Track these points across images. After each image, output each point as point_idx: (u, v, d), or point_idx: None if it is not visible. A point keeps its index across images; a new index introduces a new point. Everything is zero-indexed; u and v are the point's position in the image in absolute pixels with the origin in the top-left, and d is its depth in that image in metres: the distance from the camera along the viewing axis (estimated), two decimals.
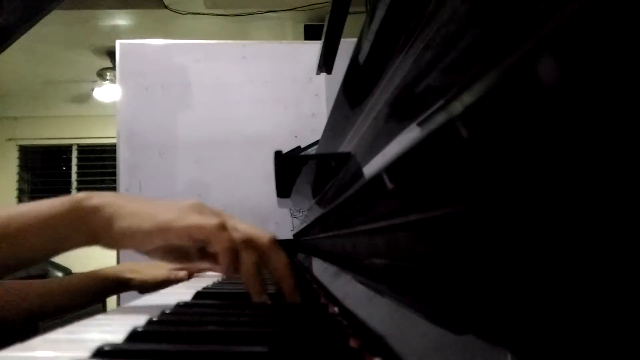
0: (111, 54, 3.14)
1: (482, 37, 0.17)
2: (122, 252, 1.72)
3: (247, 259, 0.47)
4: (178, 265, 0.88)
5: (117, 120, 1.83)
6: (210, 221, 0.45)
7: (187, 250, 0.49)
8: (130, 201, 0.47)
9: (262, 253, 0.48)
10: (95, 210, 0.46)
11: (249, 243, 0.47)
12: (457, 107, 0.17)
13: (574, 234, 0.12)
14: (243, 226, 0.49)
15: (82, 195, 0.47)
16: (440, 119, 0.19)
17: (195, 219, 0.45)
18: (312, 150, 1.54)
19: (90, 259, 1.82)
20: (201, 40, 1.93)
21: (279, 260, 0.49)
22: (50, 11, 1.16)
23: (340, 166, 0.50)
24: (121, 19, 2.87)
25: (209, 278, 0.86)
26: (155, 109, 1.84)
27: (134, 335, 0.30)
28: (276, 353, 0.26)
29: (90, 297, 0.83)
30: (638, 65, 0.09)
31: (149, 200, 0.49)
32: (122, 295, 1.69)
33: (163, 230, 0.45)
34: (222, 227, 0.45)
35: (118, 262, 1.71)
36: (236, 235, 0.46)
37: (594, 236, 0.11)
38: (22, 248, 0.46)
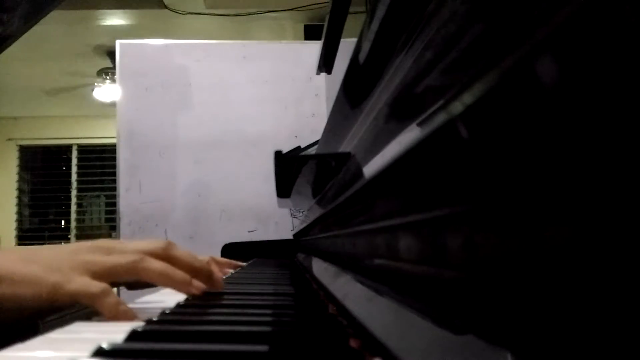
0: (111, 54, 3.14)
1: (482, 37, 0.17)
2: None
3: (152, 269, 0.45)
4: None
5: (117, 120, 1.83)
6: (94, 289, 0.41)
7: None
8: (6, 260, 0.42)
9: (166, 259, 0.47)
10: None
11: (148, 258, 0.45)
12: (457, 107, 0.17)
13: (573, 234, 0.12)
14: (135, 245, 0.47)
15: None
16: (440, 119, 0.19)
17: (79, 284, 0.41)
18: (312, 150, 1.54)
19: None
20: (201, 40, 1.93)
21: (184, 256, 0.49)
22: (50, 11, 1.16)
23: (340, 166, 0.50)
24: (121, 19, 2.87)
25: None
26: (155, 109, 1.84)
27: (134, 335, 0.30)
28: (276, 353, 0.26)
29: None
30: (638, 65, 0.09)
31: (29, 254, 0.44)
32: (122, 295, 1.69)
33: (48, 296, 0.40)
34: (106, 292, 0.41)
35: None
36: (129, 255, 0.45)
37: (593, 236, 0.11)
38: None
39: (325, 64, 0.88)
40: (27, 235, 4.46)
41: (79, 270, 0.42)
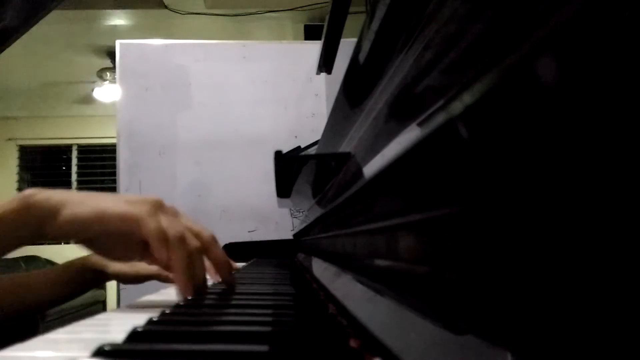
0: (111, 54, 3.14)
1: (482, 37, 0.17)
2: None
3: (179, 252, 0.49)
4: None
5: (117, 120, 1.83)
6: (140, 209, 0.49)
7: (129, 246, 0.51)
8: (76, 194, 0.51)
9: (203, 245, 0.52)
10: (42, 202, 0.48)
11: (184, 238, 0.49)
12: (457, 107, 0.17)
13: (573, 234, 0.12)
14: (185, 222, 0.51)
15: (31, 190, 0.49)
16: (440, 119, 0.19)
17: (127, 208, 0.49)
18: (312, 150, 1.54)
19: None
20: (201, 40, 1.93)
21: (219, 252, 0.55)
22: (50, 11, 1.16)
23: (340, 166, 0.50)
24: (121, 19, 2.87)
25: None
26: (155, 109, 1.84)
27: (134, 335, 0.30)
28: (276, 353, 0.26)
29: (73, 287, 0.82)
30: (638, 65, 0.09)
31: (98, 194, 0.52)
32: (122, 295, 1.69)
33: (98, 216, 0.48)
34: (151, 214, 0.48)
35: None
36: (172, 229, 0.49)
37: (593, 236, 0.11)
38: None
39: (325, 64, 0.88)
40: None
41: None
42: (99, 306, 3.59)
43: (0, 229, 0.48)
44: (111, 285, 3.14)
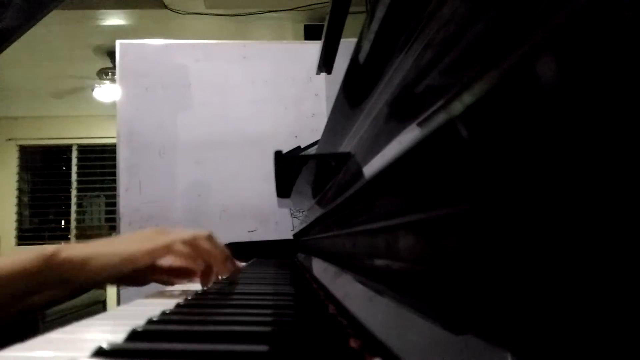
0: (111, 54, 3.14)
1: (482, 37, 0.17)
2: None
3: (206, 245, 0.62)
4: None
5: (117, 120, 1.83)
6: (161, 242, 0.59)
7: (148, 270, 0.62)
8: (98, 244, 0.58)
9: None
10: (67, 261, 0.53)
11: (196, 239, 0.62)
12: (457, 107, 0.17)
13: (573, 234, 0.12)
14: (185, 232, 0.62)
15: (52, 248, 0.53)
16: (440, 119, 0.19)
17: (150, 245, 0.58)
18: (312, 150, 1.54)
19: None
20: (201, 40, 1.93)
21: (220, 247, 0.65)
22: (50, 11, 1.16)
23: (340, 166, 0.50)
24: (121, 19, 2.87)
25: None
26: (155, 109, 1.84)
27: (134, 335, 0.30)
28: (276, 353, 0.26)
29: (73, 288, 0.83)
30: (638, 65, 0.09)
31: (111, 240, 0.61)
32: (122, 295, 1.69)
33: (130, 261, 0.56)
34: (172, 242, 0.60)
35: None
36: (186, 239, 0.61)
37: (593, 236, 0.11)
38: None
39: (325, 64, 0.88)
40: (27, 235, 4.45)
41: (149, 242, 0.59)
42: (99, 306, 3.59)
43: (19, 286, 0.51)
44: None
